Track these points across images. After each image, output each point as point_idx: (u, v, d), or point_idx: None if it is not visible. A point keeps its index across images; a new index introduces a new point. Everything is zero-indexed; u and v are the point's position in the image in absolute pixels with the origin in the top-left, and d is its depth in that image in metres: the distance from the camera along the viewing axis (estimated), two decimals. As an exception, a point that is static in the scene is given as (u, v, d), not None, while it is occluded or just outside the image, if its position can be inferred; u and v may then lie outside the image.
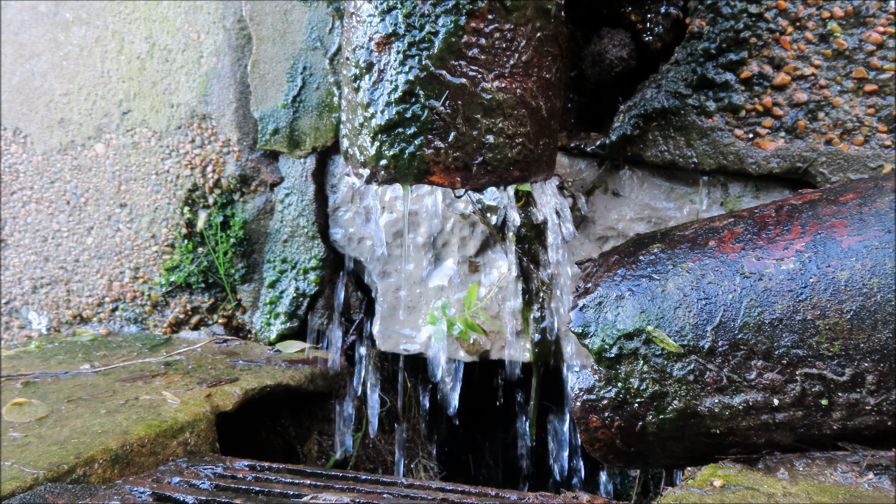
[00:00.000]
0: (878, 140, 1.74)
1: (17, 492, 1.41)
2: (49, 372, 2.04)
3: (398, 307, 2.19)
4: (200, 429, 1.75)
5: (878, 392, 1.32)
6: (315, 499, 1.45)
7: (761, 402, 1.38)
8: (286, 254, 2.27)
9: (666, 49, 1.85)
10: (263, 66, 2.22)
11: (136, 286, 2.41)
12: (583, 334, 1.51)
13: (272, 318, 2.30)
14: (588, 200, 2.00)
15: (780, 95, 1.78)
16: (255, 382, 1.96)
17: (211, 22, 2.26)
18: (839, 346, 1.33)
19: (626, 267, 1.53)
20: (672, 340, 1.43)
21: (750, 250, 1.43)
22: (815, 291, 1.35)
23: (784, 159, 1.79)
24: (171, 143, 2.33)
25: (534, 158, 1.59)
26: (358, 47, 1.56)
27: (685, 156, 1.85)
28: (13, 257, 2.52)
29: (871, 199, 1.40)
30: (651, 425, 1.46)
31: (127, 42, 2.35)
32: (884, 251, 1.32)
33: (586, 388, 1.51)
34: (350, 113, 1.61)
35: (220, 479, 1.57)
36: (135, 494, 1.46)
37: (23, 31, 2.46)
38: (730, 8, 1.76)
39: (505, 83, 1.52)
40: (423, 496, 1.50)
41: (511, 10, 1.51)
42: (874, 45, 1.71)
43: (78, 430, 1.65)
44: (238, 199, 2.30)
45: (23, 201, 2.51)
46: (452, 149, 1.52)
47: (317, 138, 2.20)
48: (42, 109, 2.46)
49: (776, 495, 1.26)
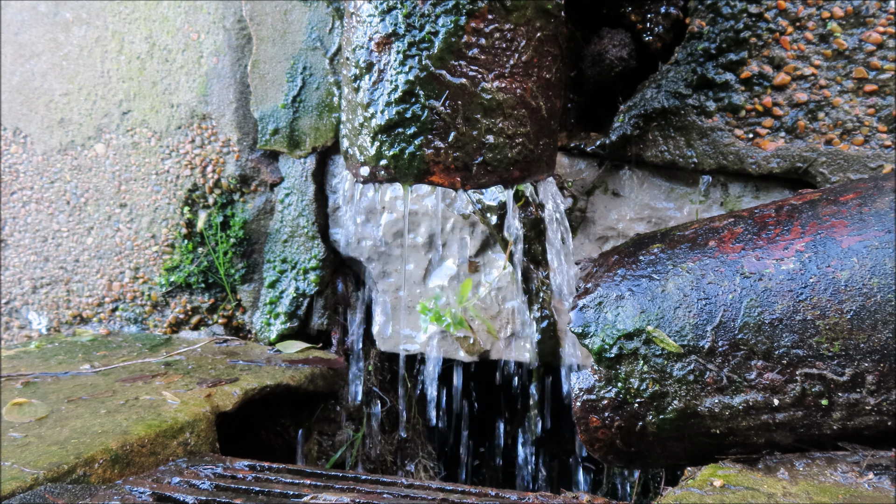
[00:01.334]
0: (878, 140, 1.74)
1: (17, 492, 1.41)
2: (49, 372, 2.04)
3: (398, 307, 2.19)
4: (200, 429, 1.75)
5: (878, 392, 1.32)
6: (315, 499, 1.45)
7: (761, 402, 1.38)
8: (286, 254, 2.27)
9: (666, 49, 1.85)
10: (263, 66, 2.22)
11: (136, 286, 2.41)
12: (583, 334, 1.51)
13: (272, 318, 2.30)
14: (588, 200, 2.00)
15: (780, 95, 1.78)
16: (255, 382, 1.96)
17: (211, 22, 2.26)
18: (839, 346, 1.33)
19: (626, 267, 1.53)
20: (672, 340, 1.43)
21: (750, 250, 1.43)
22: (815, 291, 1.35)
23: (784, 159, 1.79)
24: (171, 143, 2.33)
25: (534, 158, 1.59)
26: (358, 47, 1.56)
27: (685, 156, 1.85)
28: (13, 257, 2.52)
29: (871, 199, 1.40)
30: (651, 425, 1.46)
31: (127, 42, 2.35)
32: (884, 251, 1.32)
33: (586, 388, 1.51)
34: (350, 113, 1.61)
35: (220, 479, 1.57)
36: (135, 494, 1.46)
37: (23, 31, 2.46)
38: (730, 8, 1.76)
39: (505, 83, 1.52)
40: (423, 496, 1.50)
41: (511, 10, 1.51)
42: (874, 45, 1.71)
43: (78, 430, 1.65)
44: (238, 199, 2.30)
45: (23, 201, 2.51)
46: (452, 149, 1.52)
47: (317, 138, 2.20)
48: (42, 109, 2.46)
49: (776, 495, 1.26)
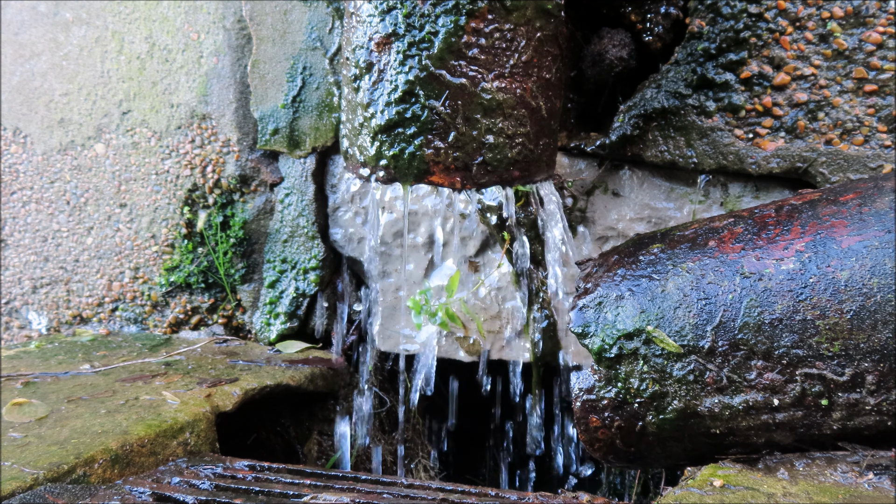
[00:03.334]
0: (878, 140, 1.74)
1: (17, 492, 1.41)
2: (49, 372, 2.04)
3: (398, 307, 2.19)
4: (200, 429, 1.75)
5: (878, 392, 1.32)
6: (315, 499, 1.45)
7: (761, 402, 1.38)
8: (286, 254, 2.27)
9: (666, 49, 1.85)
10: (263, 66, 2.22)
11: (136, 286, 2.41)
12: (583, 334, 1.51)
13: (272, 318, 2.30)
14: (588, 200, 2.00)
15: (780, 95, 1.78)
16: (255, 382, 1.96)
17: (211, 22, 2.26)
18: (839, 346, 1.33)
19: (626, 267, 1.53)
20: (672, 340, 1.43)
21: (750, 250, 1.43)
22: (815, 291, 1.35)
23: (784, 159, 1.79)
24: (171, 143, 2.33)
25: (534, 158, 1.59)
26: (358, 47, 1.56)
27: (685, 156, 1.85)
28: (13, 257, 2.52)
29: (871, 199, 1.40)
30: (651, 425, 1.46)
31: (127, 42, 2.35)
32: (884, 251, 1.32)
33: (586, 388, 1.51)
34: (350, 113, 1.61)
35: (220, 479, 1.57)
36: (135, 494, 1.46)
37: (23, 31, 2.46)
38: (730, 8, 1.76)
39: (505, 83, 1.52)
40: (423, 496, 1.50)
41: (511, 10, 1.51)
42: (874, 45, 1.71)
43: (78, 430, 1.65)
44: (238, 199, 2.30)
45: (23, 201, 2.51)
46: (452, 149, 1.52)
47: (317, 138, 2.20)
48: (42, 109, 2.46)
49: (776, 495, 1.26)
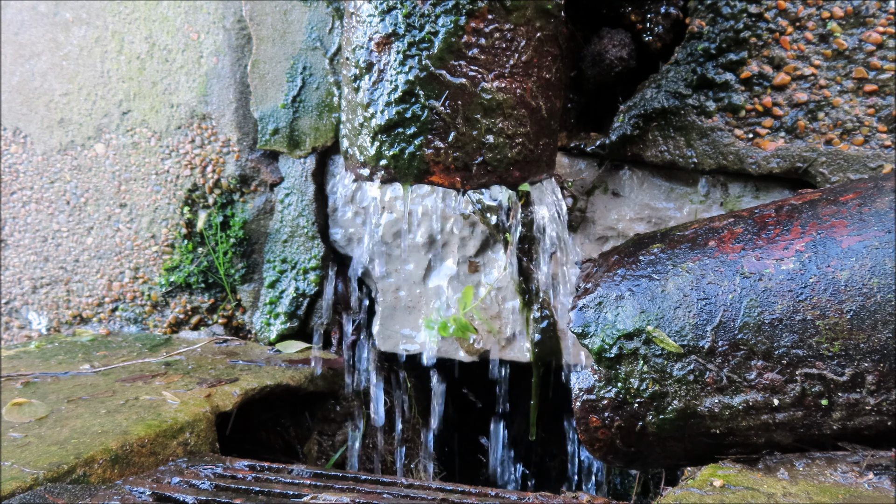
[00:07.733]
0: (878, 140, 1.74)
1: (17, 492, 1.41)
2: (49, 372, 2.04)
3: (398, 307, 2.19)
4: (200, 429, 1.75)
5: (878, 392, 1.32)
6: (315, 499, 1.45)
7: (761, 402, 1.38)
8: (286, 254, 2.27)
9: (666, 49, 1.85)
10: (263, 66, 2.22)
11: (136, 286, 2.41)
12: (583, 334, 1.51)
13: (272, 318, 2.30)
14: (588, 200, 2.00)
15: (780, 95, 1.78)
16: (255, 382, 1.96)
17: (211, 22, 2.26)
18: (839, 346, 1.33)
19: (626, 267, 1.53)
20: (672, 340, 1.43)
21: (750, 250, 1.43)
22: (815, 291, 1.35)
23: (784, 159, 1.79)
24: (171, 143, 2.33)
25: (534, 158, 1.59)
26: (358, 47, 1.56)
27: (685, 156, 1.85)
28: (13, 257, 2.52)
29: (871, 199, 1.40)
30: (651, 425, 1.46)
31: (127, 42, 2.35)
32: (884, 251, 1.32)
33: (586, 388, 1.51)
34: (350, 113, 1.61)
35: (220, 479, 1.57)
36: (135, 494, 1.46)
37: (23, 31, 2.46)
38: (730, 8, 1.76)
39: (505, 83, 1.52)
40: (423, 496, 1.50)
41: (511, 10, 1.51)
42: (874, 45, 1.71)
43: (78, 430, 1.65)
44: (238, 199, 2.30)
45: (23, 201, 2.51)
46: (452, 149, 1.52)
47: (317, 138, 2.20)
48: (42, 109, 2.46)
49: (776, 495, 1.26)
